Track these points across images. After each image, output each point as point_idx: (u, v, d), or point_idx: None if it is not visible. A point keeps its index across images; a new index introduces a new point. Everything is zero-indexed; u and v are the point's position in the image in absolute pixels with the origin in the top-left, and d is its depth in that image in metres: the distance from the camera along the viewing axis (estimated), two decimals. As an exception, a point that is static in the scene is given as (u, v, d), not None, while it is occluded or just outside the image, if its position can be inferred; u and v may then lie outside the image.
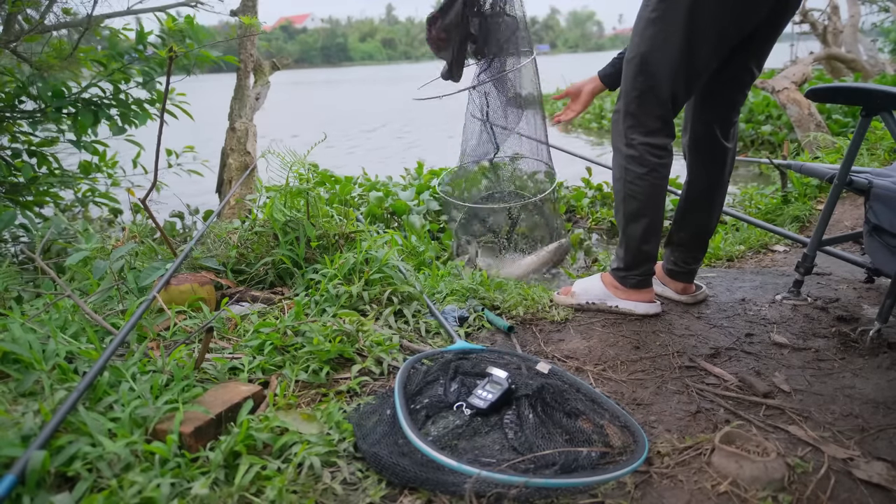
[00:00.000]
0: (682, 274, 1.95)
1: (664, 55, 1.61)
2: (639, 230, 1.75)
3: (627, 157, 1.70)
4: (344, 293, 1.77)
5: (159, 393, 1.18)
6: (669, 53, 1.60)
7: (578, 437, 1.13)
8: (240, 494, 0.97)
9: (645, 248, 1.77)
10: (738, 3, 1.54)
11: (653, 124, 1.67)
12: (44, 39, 3.52)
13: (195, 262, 2.11)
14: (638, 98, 1.67)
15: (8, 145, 3.32)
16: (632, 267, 1.81)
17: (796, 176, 3.63)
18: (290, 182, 2.21)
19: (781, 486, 1.01)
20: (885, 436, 1.16)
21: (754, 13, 1.60)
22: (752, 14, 1.60)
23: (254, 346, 1.47)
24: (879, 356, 1.50)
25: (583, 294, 1.90)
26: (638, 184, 1.70)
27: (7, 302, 1.75)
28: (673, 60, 1.60)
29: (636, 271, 1.81)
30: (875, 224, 1.51)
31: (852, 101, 1.81)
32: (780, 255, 2.70)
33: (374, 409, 1.24)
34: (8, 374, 1.19)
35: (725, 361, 1.53)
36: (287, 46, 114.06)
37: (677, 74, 1.62)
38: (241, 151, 4.93)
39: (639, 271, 1.81)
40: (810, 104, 5.60)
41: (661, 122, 1.67)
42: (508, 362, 1.42)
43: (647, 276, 1.82)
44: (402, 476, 1.02)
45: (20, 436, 0.99)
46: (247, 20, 4.29)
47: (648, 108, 1.66)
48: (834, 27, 10.67)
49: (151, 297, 1.51)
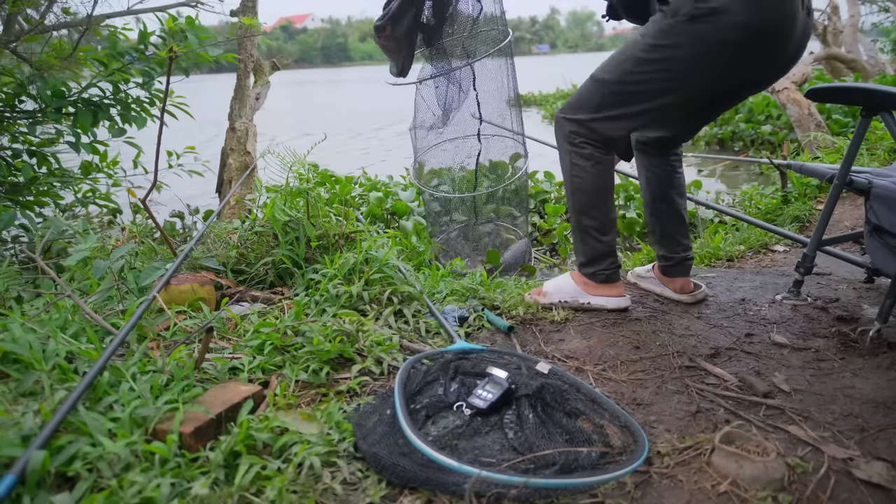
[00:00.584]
0: (675, 267, 1.96)
1: (639, 99, 1.62)
2: (593, 222, 1.78)
3: (572, 153, 1.73)
4: (344, 293, 1.77)
5: (159, 393, 1.18)
6: (644, 99, 1.62)
7: (578, 437, 1.13)
8: (240, 494, 0.97)
9: (604, 239, 1.80)
10: (732, 74, 1.55)
11: (598, 137, 1.71)
12: (44, 39, 3.53)
13: (195, 262, 2.11)
14: (593, 119, 1.69)
15: (8, 145, 3.32)
16: (596, 261, 1.83)
17: (796, 176, 3.63)
18: (290, 182, 2.21)
19: (781, 486, 1.01)
20: (885, 436, 1.16)
21: (744, 89, 1.66)
22: (740, 90, 1.66)
23: (254, 346, 1.47)
24: (879, 356, 1.50)
25: (555, 293, 1.91)
26: (584, 176, 1.73)
27: (7, 302, 1.75)
28: (643, 106, 1.63)
29: (602, 266, 1.83)
30: (876, 224, 1.51)
31: (852, 101, 1.81)
32: (780, 255, 2.70)
33: (374, 409, 1.24)
34: (8, 374, 1.19)
35: (725, 361, 1.53)
36: (287, 46, 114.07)
37: (642, 116, 1.66)
38: (241, 151, 4.93)
39: (604, 265, 1.83)
40: (810, 104, 5.60)
41: (606, 138, 1.71)
42: (508, 362, 1.42)
43: (614, 269, 1.85)
44: (402, 476, 1.02)
45: (20, 436, 0.99)
46: (247, 20, 4.29)
47: (600, 126, 1.69)
48: (834, 27, 10.66)
49: (151, 297, 1.51)
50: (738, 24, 1.44)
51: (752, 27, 1.44)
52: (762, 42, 1.48)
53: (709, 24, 1.45)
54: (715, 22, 1.45)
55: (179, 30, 3.03)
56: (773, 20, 1.46)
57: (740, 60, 1.51)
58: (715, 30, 1.46)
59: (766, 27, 1.46)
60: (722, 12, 1.43)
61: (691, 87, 1.58)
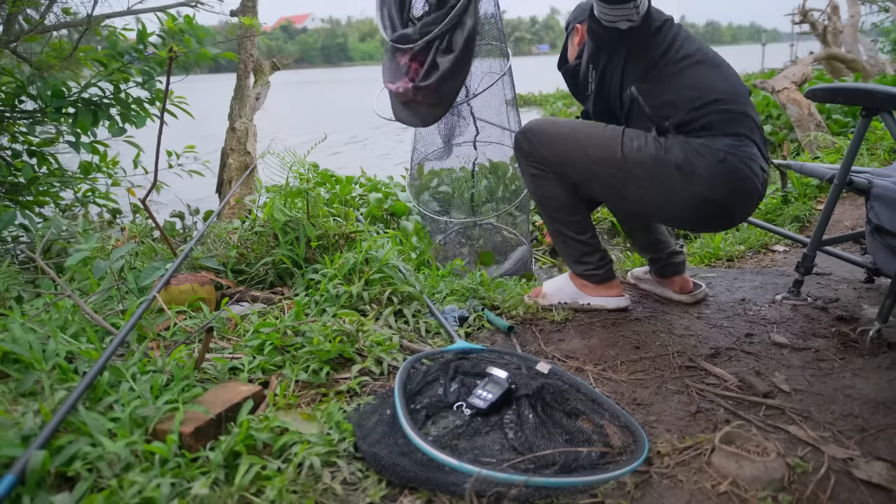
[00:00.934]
0: (666, 267, 1.97)
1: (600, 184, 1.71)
2: (568, 225, 1.81)
3: (530, 167, 1.79)
4: (344, 293, 1.77)
5: (159, 393, 1.18)
6: (605, 187, 1.70)
7: (578, 437, 1.13)
8: (240, 494, 0.97)
9: (582, 237, 1.83)
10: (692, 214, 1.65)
11: (550, 169, 1.77)
12: (44, 39, 3.52)
13: (195, 262, 2.11)
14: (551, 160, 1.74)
15: (8, 145, 3.32)
16: (583, 259, 1.84)
17: (796, 176, 3.63)
18: (289, 182, 2.21)
19: (781, 486, 1.01)
20: (885, 436, 1.16)
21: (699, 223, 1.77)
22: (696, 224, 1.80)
23: (254, 346, 1.47)
24: (879, 356, 1.50)
25: (554, 294, 1.91)
26: (545, 184, 1.78)
27: (7, 302, 1.75)
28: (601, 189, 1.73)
29: (591, 263, 1.84)
30: (876, 224, 1.51)
31: (852, 101, 1.81)
32: (780, 255, 2.70)
33: (374, 409, 1.24)
34: (8, 374, 1.19)
35: (725, 361, 1.52)
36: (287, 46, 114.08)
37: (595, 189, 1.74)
38: (241, 151, 4.93)
39: (593, 262, 1.84)
40: (810, 104, 5.60)
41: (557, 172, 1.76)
42: (508, 362, 1.42)
43: (607, 266, 1.86)
44: (402, 476, 1.02)
45: (20, 436, 0.99)
46: (247, 21, 4.29)
47: (554, 167, 1.75)
48: (834, 27, 10.66)
49: (151, 297, 1.51)
50: (705, 197, 1.60)
51: (716, 202, 1.61)
52: (723, 211, 1.65)
53: (687, 181, 1.59)
54: (690, 184, 1.59)
55: (178, 30, 3.03)
56: (737, 199, 1.62)
57: (703, 215, 1.66)
58: (690, 187, 1.60)
59: (728, 203, 1.62)
60: (699, 181, 1.58)
61: (650, 206, 1.69)
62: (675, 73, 1.62)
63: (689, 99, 1.59)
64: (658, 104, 1.63)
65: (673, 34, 1.65)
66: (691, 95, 1.59)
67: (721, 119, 1.58)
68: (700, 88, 1.60)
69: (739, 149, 1.57)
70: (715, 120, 1.58)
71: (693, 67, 1.62)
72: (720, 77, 1.63)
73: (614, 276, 1.89)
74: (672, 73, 1.62)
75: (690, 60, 1.62)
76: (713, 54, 1.67)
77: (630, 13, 1.54)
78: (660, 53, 1.62)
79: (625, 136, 1.65)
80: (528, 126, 1.79)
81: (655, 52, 1.63)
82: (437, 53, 1.89)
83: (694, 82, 1.61)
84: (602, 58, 1.71)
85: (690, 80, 1.61)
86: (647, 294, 2.06)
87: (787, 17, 14.95)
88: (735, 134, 1.58)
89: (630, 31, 1.59)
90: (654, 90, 1.63)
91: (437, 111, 2.00)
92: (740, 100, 1.61)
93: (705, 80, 1.60)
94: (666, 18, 1.66)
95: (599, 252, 1.85)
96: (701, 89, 1.59)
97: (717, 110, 1.58)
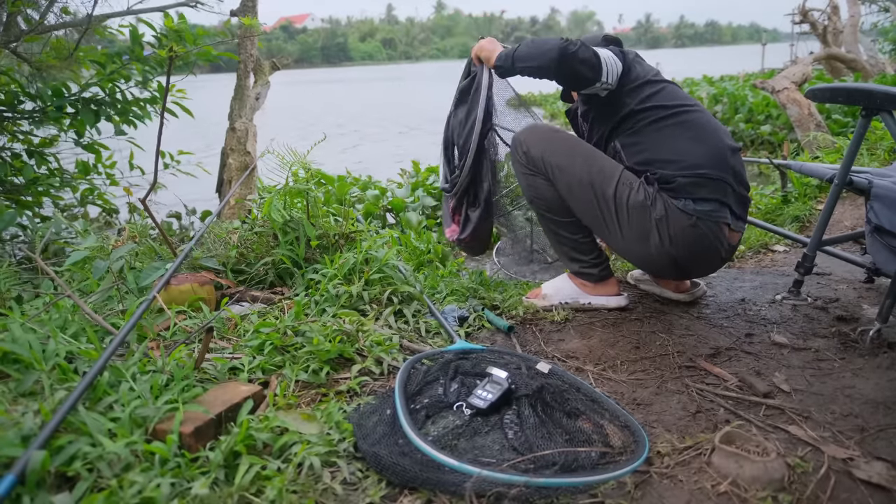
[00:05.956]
0: None
1: (588, 212, 1.74)
2: (561, 224, 1.84)
3: (525, 171, 1.82)
4: (344, 293, 1.77)
5: (159, 393, 1.18)
6: (589, 215, 1.75)
7: (578, 437, 1.13)
8: (240, 494, 0.97)
9: (575, 236, 1.84)
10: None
11: (545, 173, 1.79)
12: (44, 39, 3.52)
13: (195, 262, 2.11)
14: (550, 169, 1.76)
15: (8, 145, 3.32)
16: (578, 257, 1.86)
17: (796, 176, 3.62)
18: (289, 182, 2.21)
19: (781, 486, 1.01)
20: (885, 436, 1.16)
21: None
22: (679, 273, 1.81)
23: (254, 346, 1.47)
24: (879, 356, 1.50)
25: (555, 295, 1.92)
26: (539, 186, 1.81)
27: (7, 302, 1.75)
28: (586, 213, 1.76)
29: (587, 260, 1.86)
30: (876, 224, 1.51)
31: (852, 101, 1.81)
32: (780, 255, 2.70)
33: (374, 409, 1.24)
34: (8, 374, 1.19)
35: (725, 361, 1.52)
36: (287, 46, 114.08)
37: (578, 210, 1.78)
38: (241, 151, 4.92)
39: (588, 260, 1.86)
40: (810, 104, 5.60)
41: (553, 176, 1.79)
42: (508, 362, 1.42)
43: (604, 265, 1.87)
44: (402, 476, 1.02)
45: (20, 436, 0.99)
46: (247, 21, 4.28)
47: (550, 174, 1.77)
48: (834, 27, 10.66)
49: (151, 297, 1.51)
50: (671, 254, 1.67)
51: (676, 259, 1.68)
52: (682, 269, 1.75)
53: (663, 236, 1.65)
54: (661, 240, 1.66)
55: (176, 30, 3.03)
56: (698, 262, 1.73)
57: (663, 266, 1.74)
58: (662, 242, 1.66)
59: (686, 264, 1.71)
60: (668, 239, 1.65)
61: (618, 244, 1.75)
62: (654, 130, 1.70)
63: (667, 161, 1.67)
64: (639, 161, 1.71)
65: (656, 90, 1.72)
66: (669, 158, 1.67)
67: (695, 183, 1.63)
68: (678, 152, 1.66)
69: (712, 215, 1.64)
70: (689, 184, 1.64)
71: (672, 129, 1.69)
72: (699, 139, 1.68)
73: (612, 274, 1.90)
74: (653, 131, 1.70)
75: (672, 121, 1.69)
76: (696, 112, 1.72)
77: (601, 88, 1.69)
78: (640, 111, 1.71)
79: (622, 177, 1.69)
80: (530, 128, 1.86)
81: (636, 110, 1.71)
82: (468, 207, 2.17)
83: (671, 145, 1.68)
84: (591, 112, 1.84)
85: (669, 140, 1.68)
86: (647, 294, 2.06)
87: (787, 17, 14.97)
88: (707, 199, 1.64)
89: (609, 94, 1.73)
90: (635, 146, 1.72)
91: (481, 246, 2.27)
92: (717, 162, 1.65)
93: (681, 146, 1.67)
94: (649, 78, 1.74)
95: (595, 251, 1.86)
96: (679, 153, 1.66)
97: (693, 175, 1.63)
